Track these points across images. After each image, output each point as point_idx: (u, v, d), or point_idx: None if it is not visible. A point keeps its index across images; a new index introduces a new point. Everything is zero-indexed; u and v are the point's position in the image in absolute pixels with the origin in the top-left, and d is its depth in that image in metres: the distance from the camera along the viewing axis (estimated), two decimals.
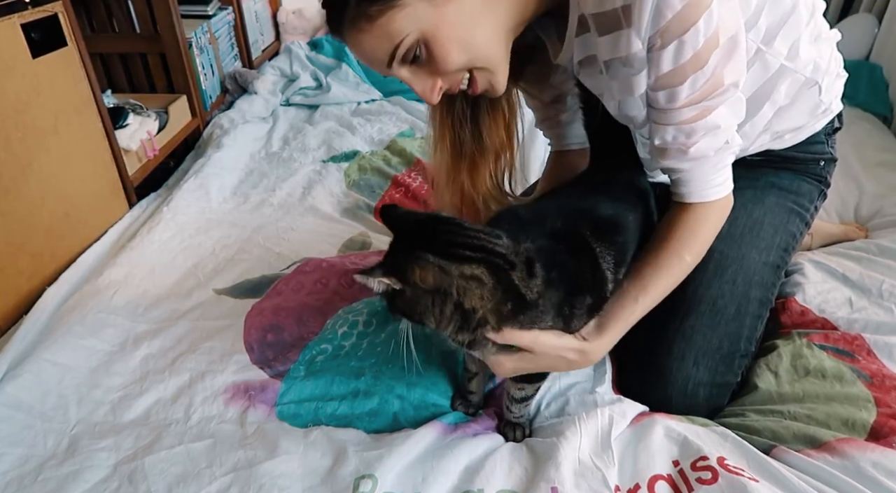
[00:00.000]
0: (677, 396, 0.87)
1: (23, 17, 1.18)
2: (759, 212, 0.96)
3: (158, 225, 1.37)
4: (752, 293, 0.91)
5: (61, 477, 0.81)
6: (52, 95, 1.26)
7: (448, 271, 0.65)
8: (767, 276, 0.94)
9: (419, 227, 0.69)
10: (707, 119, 0.71)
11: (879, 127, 1.75)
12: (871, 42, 2.08)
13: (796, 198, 0.99)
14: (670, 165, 0.77)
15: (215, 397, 0.93)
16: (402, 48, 0.69)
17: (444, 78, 0.74)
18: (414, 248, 0.66)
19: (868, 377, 0.86)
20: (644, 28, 0.65)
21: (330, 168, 1.66)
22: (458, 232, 0.67)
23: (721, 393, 0.90)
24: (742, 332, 0.90)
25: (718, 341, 0.88)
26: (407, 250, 0.67)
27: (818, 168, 1.01)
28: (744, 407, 0.88)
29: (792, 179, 1.00)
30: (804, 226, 1.00)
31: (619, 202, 0.83)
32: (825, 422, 0.80)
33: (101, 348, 1.04)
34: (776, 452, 0.77)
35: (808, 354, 0.91)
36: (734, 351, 0.89)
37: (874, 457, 0.73)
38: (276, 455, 0.82)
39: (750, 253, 0.93)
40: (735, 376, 0.90)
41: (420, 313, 0.67)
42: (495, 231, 0.69)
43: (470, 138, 0.91)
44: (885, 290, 1.02)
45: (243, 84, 2.15)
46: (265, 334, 1.05)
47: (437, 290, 0.65)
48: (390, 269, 0.65)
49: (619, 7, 0.65)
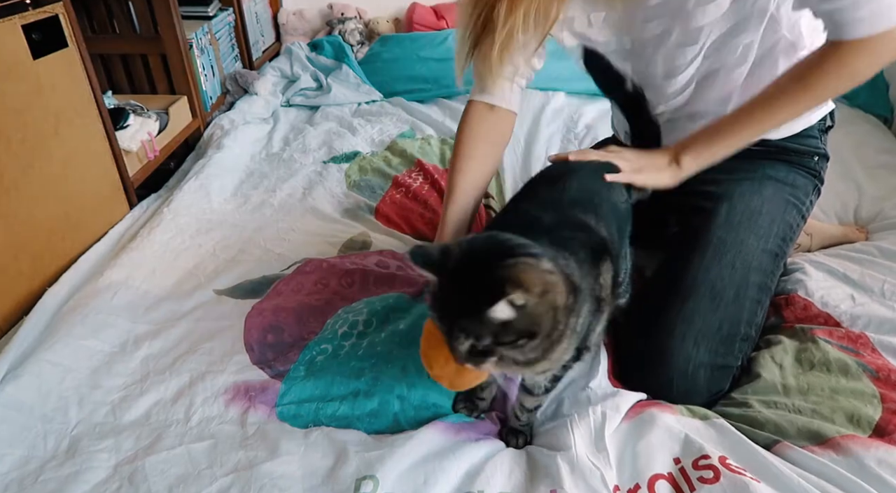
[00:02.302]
0: (678, 378, 0.88)
1: (24, 18, 1.18)
2: (757, 201, 0.98)
3: (159, 226, 1.37)
4: (752, 278, 0.93)
5: (62, 478, 0.81)
6: (53, 96, 1.26)
7: (545, 269, 0.59)
8: (766, 262, 0.95)
9: (467, 253, 0.62)
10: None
11: (880, 128, 1.74)
12: None
13: (793, 190, 1.01)
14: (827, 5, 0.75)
15: (216, 397, 0.93)
16: None
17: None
18: (483, 270, 0.59)
19: (874, 372, 0.85)
20: None
21: (330, 169, 1.66)
22: (505, 243, 0.63)
23: (722, 376, 0.90)
24: (742, 315, 0.91)
25: (718, 323, 0.89)
26: (476, 274, 0.59)
27: (812, 163, 1.03)
28: (746, 396, 0.88)
29: (787, 171, 1.02)
30: (801, 218, 1.02)
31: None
32: (830, 417, 0.80)
33: (102, 348, 1.04)
34: (779, 448, 0.77)
35: (812, 347, 0.92)
36: (734, 333, 0.90)
37: (879, 454, 0.73)
38: (276, 456, 0.82)
39: (748, 239, 0.94)
40: (735, 359, 0.91)
41: (549, 329, 0.60)
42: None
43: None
44: (887, 290, 1.02)
45: (244, 85, 2.15)
46: (265, 334, 1.05)
47: (546, 292, 0.58)
48: (494, 288, 0.56)
49: None
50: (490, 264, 0.59)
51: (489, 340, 0.60)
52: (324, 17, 2.70)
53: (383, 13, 2.66)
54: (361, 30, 2.60)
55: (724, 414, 0.84)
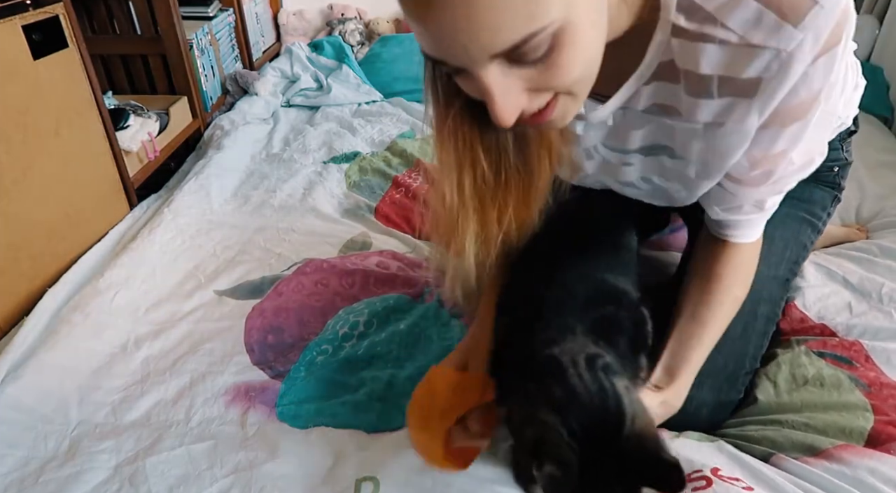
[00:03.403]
0: (680, 415, 0.84)
1: (24, 18, 1.18)
2: (770, 226, 0.90)
3: (159, 226, 1.37)
4: (760, 310, 0.89)
5: (62, 479, 0.81)
6: (53, 96, 1.26)
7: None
8: (775, 291, 0.92)
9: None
10: (788, 184, 0.72)
11: (880, 128, 1.75)
12: (872, 44, 2.08)
13: (809, 206, 0.96)
14: (731, 217, 0.75)
15: (216, 398, 0.93)
16: (538, 38, 0.49)
17: (537, 96, 0.55)
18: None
19: (866, 386, 0.86)
20: (769, 104, 0.60)
21: (331, 169, 1.66)
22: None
23: (724, 410, 0.88)
24: (748, 350, 0.88)
25: (724, 362, 0.85)
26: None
27: (832, 175, 0.98)
28: (743, 419, 0.87)
29: (803, 187, 0.93)
30: (816, 234, 0.98)
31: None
32: (823, 430, 0.80)
33: (102, 349, 1.04)
34: (775, 459, 0.77)
35: (806, 362, 0.91)
36: (739, 370, 0.87)
37: (871, 464, 0.73)
38: (276, 457, 0.82)
39: (759, 268, 0.89)
40: (738, 393, 0.88)
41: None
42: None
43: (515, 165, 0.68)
44: (885, 294, 1.02)
45: (244, 85, 2.15)
46: (266, 335, 1.05)
47: None
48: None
49: (751, 77, 0.58)
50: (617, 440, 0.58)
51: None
52: (324, 17, 2.70)
53: (383, 13, 2.66)
54: (361, 30, 2.61)
55: (720, 435, 0.84)
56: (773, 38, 0.56)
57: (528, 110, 0.56)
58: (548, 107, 0.56)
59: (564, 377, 0.62)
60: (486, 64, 0.51)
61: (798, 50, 0.56)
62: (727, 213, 0.76)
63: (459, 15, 0.47)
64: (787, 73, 0.57)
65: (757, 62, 0.57)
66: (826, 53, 0.56)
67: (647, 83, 0.65)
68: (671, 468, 0.56)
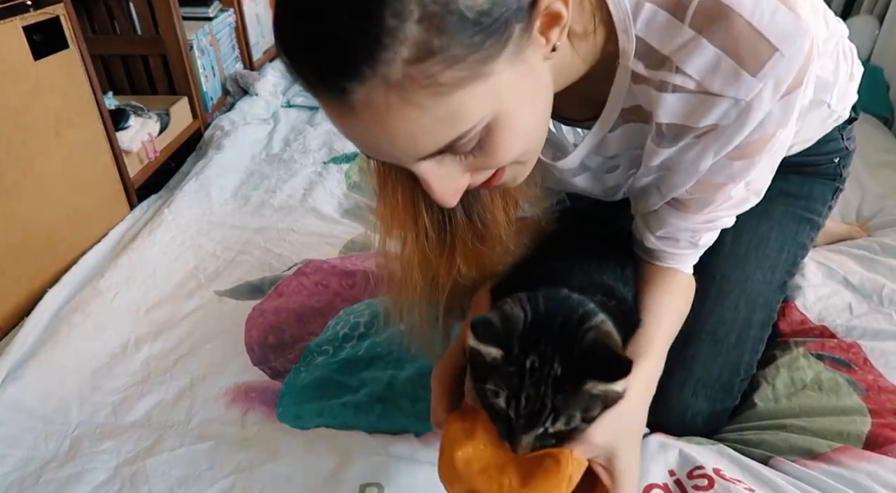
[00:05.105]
0: (676, 422, 0.84)
1: (24, 19, 1.18)
2: (766, 226, 0.90)
3: (159, 227, 1.37)
4: (755, 317, 0.87)
5: (62, 479, 0.81)
6: (54, 96, 1.26)
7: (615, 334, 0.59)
8: (771, 296, 0.90)
9: (536, 322, 0.56)
10: (722, 221, 0.70)
11: (880, 128, 1.75)
12: (872, 44, 2.08)
13: (807, 203, 0.93)
14: (666, 249, 0.73)
15: (216, 398, 0.93)
16: (466, 137, 0.48)
17: (478, 173, 0.54)
18: (564, 337, 0.54)
19: (864, 390, 0.86)
20: (725, 148, 0.59)
21: (331, 169, 1.66)
22: (572, 304, 0.59)
23: (720, 418, 0.87)
24: (742, 359, 0.87)
25: (718, 371, 0.85)
26: (559, 343, 0.54)
27: (832, 167, 0.94)
28: (742, 424, 0.87)
29: (802, 182, 0.93)
30: (815, 231, 0.95)
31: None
32: (821, 434, 0.80)
33: (103, 349, 1.04)
34: (773, 462, 0.77)
35: (804, 365, 0.90)
36: (734, 378, 0.86)
37: (869, 466, 0.73)
38: (277, 457, 0.82)
39: (754, 274, 0.88)
40: (734, 400, 0.87)
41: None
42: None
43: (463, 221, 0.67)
44: (886, 295, 1.02)
45: (244, 86, 2.15)
46: (266, 335, 1.05)
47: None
48: (595, 358, 0.54)
49: (708, 125, 0.57)
50: (575, 331, 0.55)
51: (579, 418, 0.54)
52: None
53: None
54: None
55: (719, 440, 0.84)
56: (732, 88, 0.53)
57: (473, 184, 0.55)
58: (495, 175, 0.55)
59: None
60: (416, 162, 0.50)
61: (757, 99, 0.54)
62: (662, 243, 0.73)
63: (374, 129, 0.46)
64: (745, 121, 0.55)
65: (715, 111, 0.55)
66: (786, 97, 0.54)
67: (613, 130, 0.64)
68: (622, 361, 0.53)
